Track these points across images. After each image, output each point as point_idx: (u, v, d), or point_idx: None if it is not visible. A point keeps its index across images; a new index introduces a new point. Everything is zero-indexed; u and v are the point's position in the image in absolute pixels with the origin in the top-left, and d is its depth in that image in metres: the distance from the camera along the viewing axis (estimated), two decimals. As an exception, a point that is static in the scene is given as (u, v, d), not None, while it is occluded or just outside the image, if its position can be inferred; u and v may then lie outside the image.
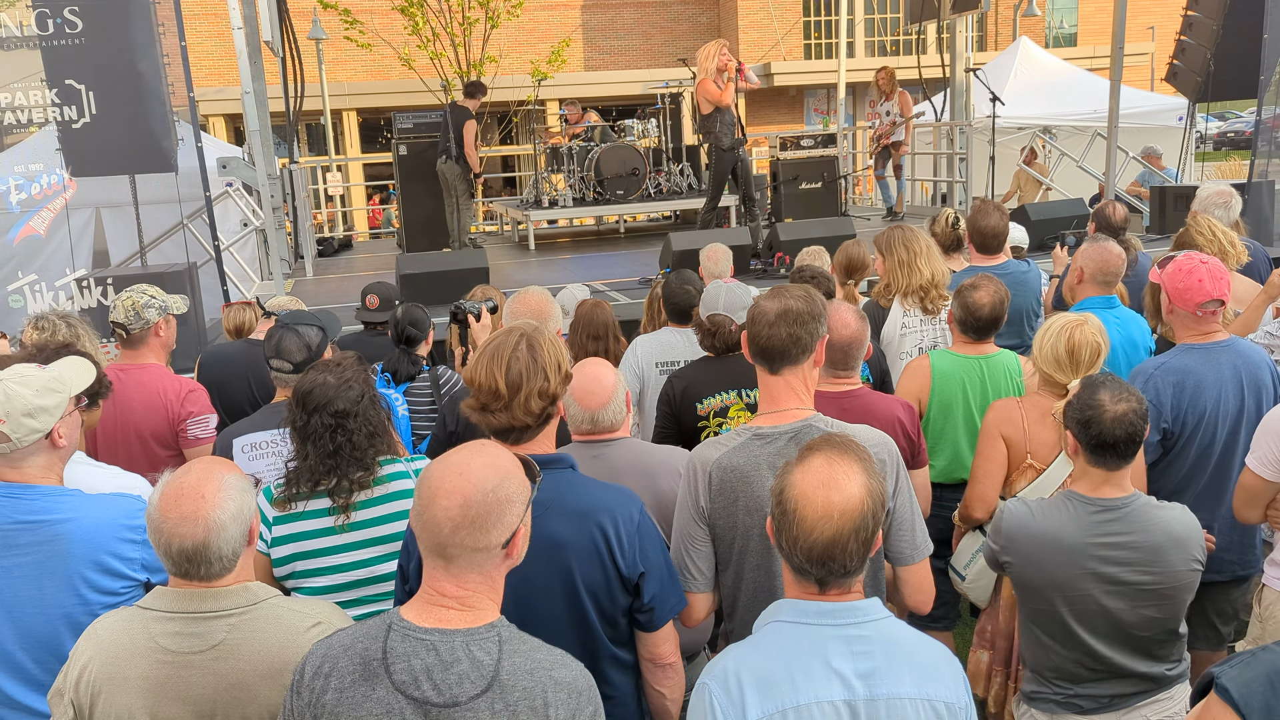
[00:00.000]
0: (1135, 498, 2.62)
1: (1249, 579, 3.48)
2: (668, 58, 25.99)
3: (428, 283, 7.27)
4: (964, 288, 3.70)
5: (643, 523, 2.27)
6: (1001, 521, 2.72)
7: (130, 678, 1.97)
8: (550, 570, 2.19)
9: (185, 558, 1.97)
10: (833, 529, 1.76)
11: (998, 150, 10.78)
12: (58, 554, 2.42)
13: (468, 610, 1.74)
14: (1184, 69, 11.31)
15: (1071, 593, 2.59)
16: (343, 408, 2.63)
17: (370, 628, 1.76)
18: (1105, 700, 2.64)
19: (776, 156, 11.37)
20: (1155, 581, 2.55)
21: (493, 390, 2.25)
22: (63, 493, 2.53)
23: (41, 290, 6.92)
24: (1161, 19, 25.81)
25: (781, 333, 2.44)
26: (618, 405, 2.81)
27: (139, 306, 3.88)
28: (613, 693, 2.29)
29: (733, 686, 1.74)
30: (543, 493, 2.23)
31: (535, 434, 2.31)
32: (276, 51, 10.36)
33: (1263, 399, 3.44)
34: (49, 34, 6.39)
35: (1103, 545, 2.56)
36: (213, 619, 1.99)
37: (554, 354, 2.31)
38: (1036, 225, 8.13)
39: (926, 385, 3.66)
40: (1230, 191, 5.46)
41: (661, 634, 2.31)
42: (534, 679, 1.70)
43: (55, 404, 2.53)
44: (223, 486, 2.01)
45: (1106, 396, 2.56)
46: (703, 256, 5.29)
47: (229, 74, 22.57)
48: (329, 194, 17.94)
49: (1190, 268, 3.44)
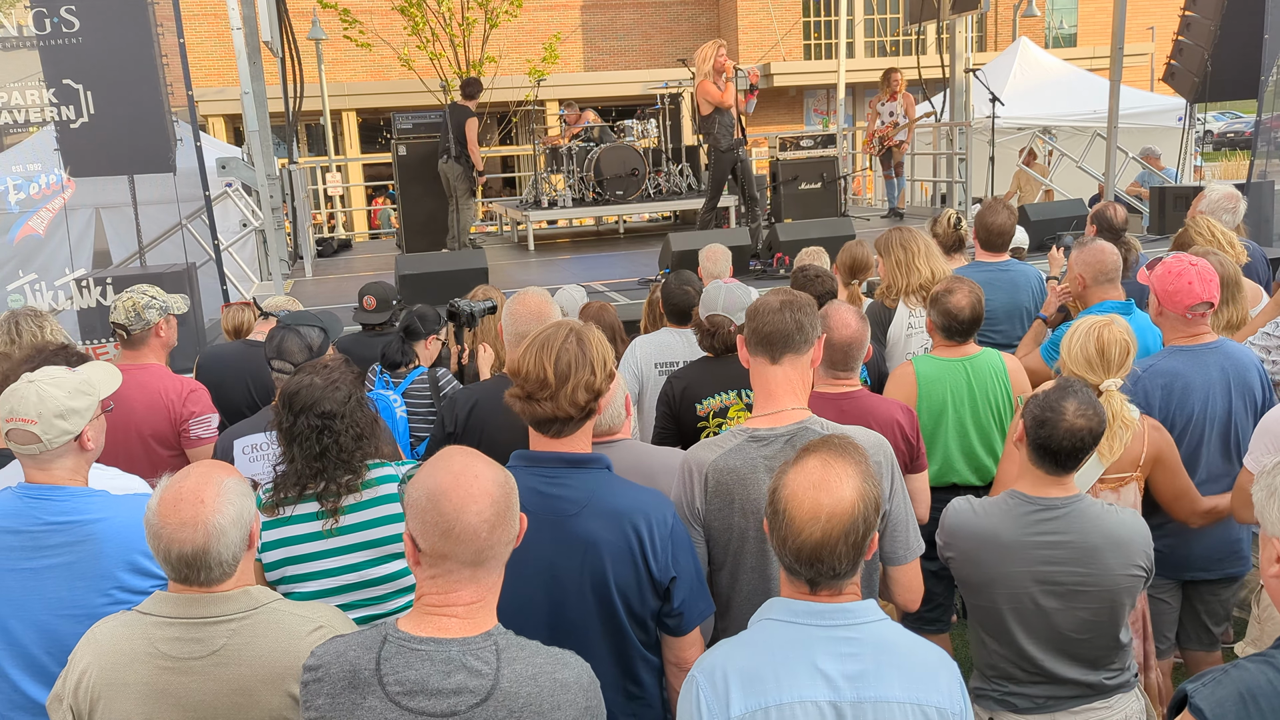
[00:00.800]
0: (1079, 499, 2.61)
1: (1239, 578, 3.49)
2: (667, 58, 25.99)
3: (427, 283, 7.26)
4: (939, 294, 3.70)
5: (675, 526, 2.27)
6: (945, 518, 2.73)
7: (129, 684, 1.96)
8: (584, 570, 2.20)
9: (185, 563, 1.95)
10: (820, 531, 1.76)
11: (997, 150, 10.79)
12: (89, 555, 2.42)
13: (468, 620, 1.73)
14: (1181, 69, 11.31)
15: (1008, 590, 2.59)
16: (329, 409, 2.60)
17: (366, 638, 1.74)
18: (1040, 701, 2.63)
19: (776, 157, 11.35)
20: (1088, 582, 2.54)
21: (540, 379, 2.24)
22: (91, 494, 2.54)
23: (41, 290, 6.91)
24: (1161, 19, 25.80)
25: (787, 318, 2.46)
26: (617, 409, 2.81)
27: (139, 307, 3.88)
28: (641, 694, 2.30)
29: (719, 681, 1.75)
30: (578, 492, 2.25)
31: (576, 428, 2.30)
32: (276, 52, 10.36)
33: (1250, 401, 3.44)
34: (46, 34, 6.38)
35: (1039, 544, 2.56)
36: (213, 624, 1.98)
37: (602, 351, 2.32)
38: (1036, 226, 8.13)
39: (913, 393, 3.66)
40: (1236, 195, 5.47)
41: (689, 639, 2.31)
42: (538, 684, 1.69)
43: (85, 406, 2.55)
44: (222, 491, 2.00)
45: (1071, 406, 2.54)
46: (701, 257, 5.30)
47: (228, 74, 22.53)
48: (328, 194, 17.94)
49: (1179, 270, 3.42)
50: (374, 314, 4.95)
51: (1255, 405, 3.46)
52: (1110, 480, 3.13)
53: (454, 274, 7.30)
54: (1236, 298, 4.06)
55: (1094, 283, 4.09)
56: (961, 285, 3.68)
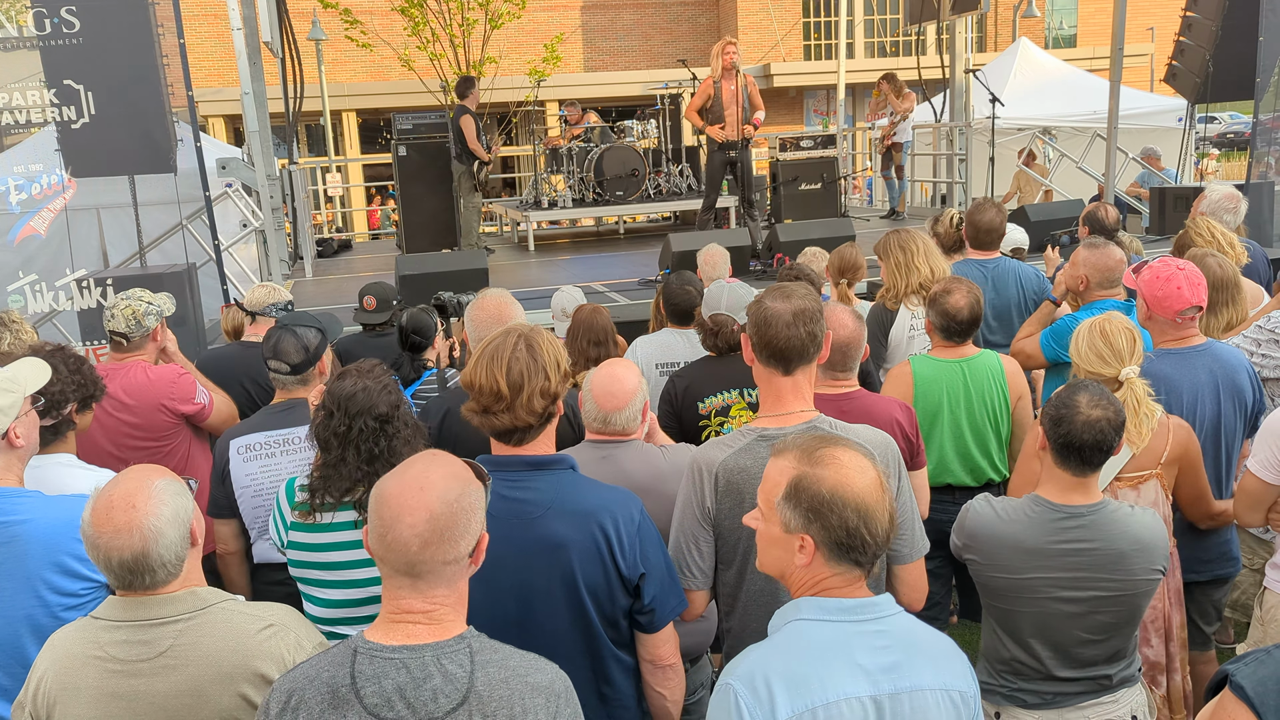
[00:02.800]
0: (1104, 504, 2.60)
1: (1229, 579, 3.48)
2: (667, 58, 26.01)
3: (427, 283, 7.25)
4: (937, 294, 3.69)
5: (643, 523, 2.26)
6: (965, 519, 2.72)
7: (81, 688, 1.95)
8: (552, 571, 2.19)
9: (126, 569, 1.93)
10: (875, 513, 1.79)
11: (997, 151, 10.79)
12: (15, 556, 2.39)
13: (435, 624, 1.70)
14: (1183, 70, 11.30)
15: (1031, 595, 2.59)
16: (385, 412, 2.60)
17: (335, 654, 1.71)
18: (1048, 697, 2.65)
19: (776, 157, 11.35)
20: (1115, 589, 2.54)
21: (494, 392, 2.23)
22: (20, 494, 2.51)
23: (42, 290, 6.91)
24: (1161, 20, 25.81)
25: (801, 333, 2.43)
26: (633, 412, 2.80)
27: (139, 315, 3.91)
28: (614, 694, 2.29)
29: (760, 686, 1.72)
30: (543, 494, 2.22)
31: (537, 434, 2.30)
32: (276, 52, 10.36)
33: (1240, 403, 3.42)
34: (46, 34, 6.39)
35: (1063, 552, 2.55)
36: (158, 626, 1.96)
37: (553, 353, 2.30)
38: (1036, 226, 8.12)
39: (909, 393, 3.65)
40: (1237, 195, 5.47)
41: (662, 635, 2.30)
42: (509, 687, 1.68)
43: (9, 404, 2.51)
44: (154, 493, 1.97)
45: (1084, 399, 2.54)
46: (700, 259, 5.30)
47: (228, 75, 22.51)
48: (328, 195, 17.93)
49: (1168, 275, 3.40)
50: (374, 314, 4.95)
51: (1245, 407, 3.44)
52: (1129, 478, 3.10)
53: (454, 274, 7.29)
54: (1236, 298, 4.06)
55: (1097, 285, 4.11)
56: (960, 286, 3.68)
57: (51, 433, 2.93)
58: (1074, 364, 3.20)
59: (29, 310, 6.69)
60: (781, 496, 1.82)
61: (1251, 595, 3.59)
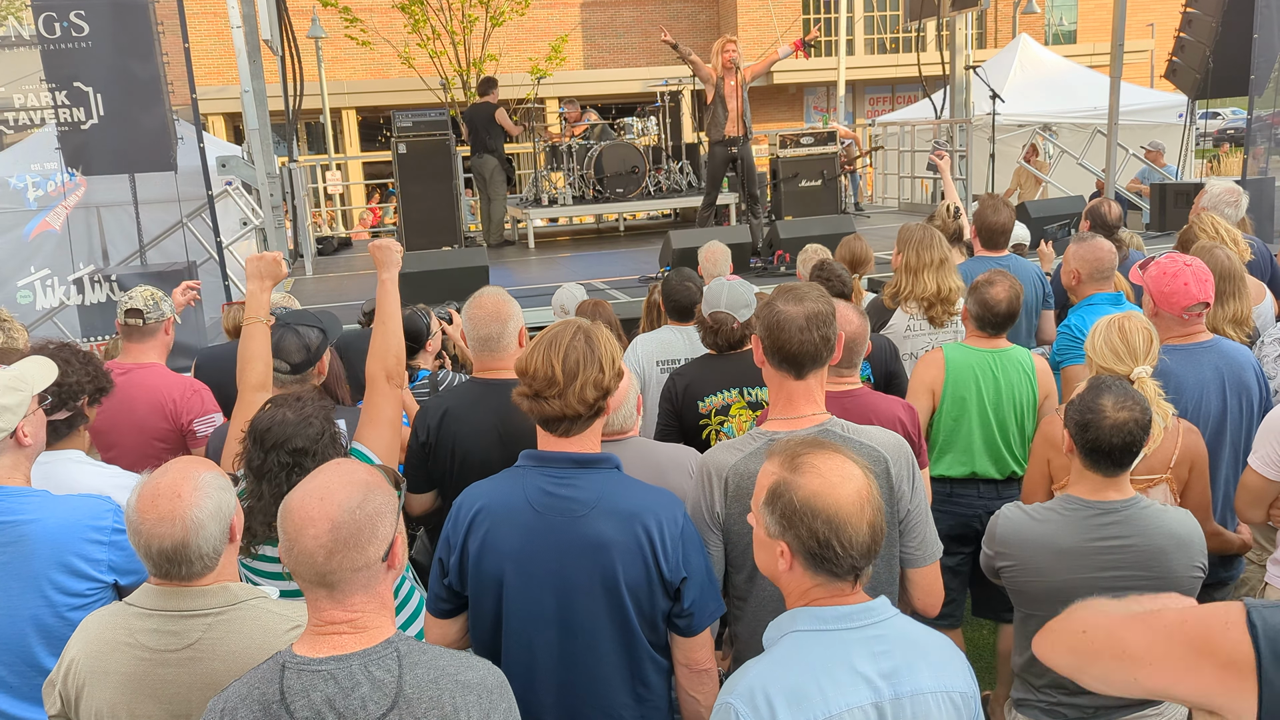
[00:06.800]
0: (1136, 500, 2.56)
1: (1230, 582, 3.45)
2: (667, 56, 25.91)
3: (427, 282, 7.25)
4: (980, 283, 3.67)
5: (686, 526, 2.25)
6: (996, 528, 2.68)
7: (110, 672, 1.97)
8: (594, 570, 2.18)
9: (165, 558, 1.95)
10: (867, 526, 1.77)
11: (998, 148, 10.80)
12: (22, 556, 2.39)
13: (361, 632, 1.70)
14: (1183, 66, 11.29)
15: (1069, 600, 2.55)
16: (301, 445, 2.51)
17: (264, 671, 1.70)
18: (1089, 711, 2.59)
19: (776, 154, 11.34)
20: (1154, 586, 2.47)
21: (549, 377, 2.22)
22: (28, 493, 2.51)
23: (53, 285, 6.96)
24: (1161, 16, 25.78)
25: (815, 338, 2.39)
26: (628, 410, 2.79)
27: (158, 298, 3.96)
28: (649, 695, 2.29)
29: (761, 704, 1.69)
30: (588, 492, 2.22)
31: (585, 426, 2.28)
32: (276, 50, 10.35)
33: (1247, 401, 3.40)
34: (55, 37, 6.43)
35: (1102, 550, 2.51)
36: (190, 618, 1.98)
37: (610, 349, 2.30)
38: (1036, 222, 8.11)
39: (940, 376, 3.64)
40: (1238, 190, 5.47)
41: (700, 639, 2.29)
42: (439, 687, 1.68)
43: (17, 403, 2.51)
44: (200, 485, 1.99)
45: (1109, 401, 2.49)
46: (701, 256, 5.28)
47: (228, 73, 22.54)
48: (328, 193, 17.93)
49: (1175, 271, 3.38)
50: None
51: (1252, 405, 3.41)
52: (1140, 481, 3.05)
53: (454, 272, 7.29)
54: (1241, 291, 4.05)
55: (1089, 278, 4.09)
56: (1003, 279, 3.65)
57: (66, 425, 2.94)
58: (1088, 359, 3.18)
59: (38, 305, 6.72)
60: (762, 501, 1.81)
61: (1256, 590, 3.58)
